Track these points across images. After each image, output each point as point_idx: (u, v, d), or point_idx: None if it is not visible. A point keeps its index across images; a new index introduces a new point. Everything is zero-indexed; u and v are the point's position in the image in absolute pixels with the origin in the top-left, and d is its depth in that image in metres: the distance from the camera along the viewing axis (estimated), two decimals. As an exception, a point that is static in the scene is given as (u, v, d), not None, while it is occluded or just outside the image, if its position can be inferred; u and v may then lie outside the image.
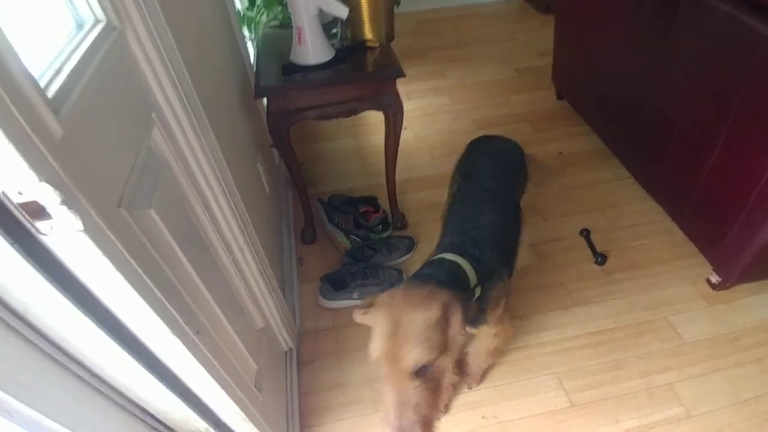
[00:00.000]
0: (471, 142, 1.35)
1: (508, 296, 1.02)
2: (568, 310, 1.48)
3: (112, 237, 0.54)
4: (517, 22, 3.19)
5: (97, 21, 0.67)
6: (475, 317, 0.94)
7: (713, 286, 1.49)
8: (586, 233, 1.67)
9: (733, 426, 1.19)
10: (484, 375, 1.29)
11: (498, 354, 1.18)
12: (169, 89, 0.78)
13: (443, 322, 0.71)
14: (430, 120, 2.30)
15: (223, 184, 0.92)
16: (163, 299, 0.60)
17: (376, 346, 0.72)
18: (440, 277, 0.84)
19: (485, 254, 0.94)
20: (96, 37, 0.63)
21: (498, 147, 1.30)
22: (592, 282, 1.55)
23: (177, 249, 0.70)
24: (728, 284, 1.46)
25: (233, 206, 0.96)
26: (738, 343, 1.36)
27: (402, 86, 1.44)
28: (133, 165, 0.65)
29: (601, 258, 1.59)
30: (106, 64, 0.62)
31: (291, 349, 1.36)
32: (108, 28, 0.67)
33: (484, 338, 1.13)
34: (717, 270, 1.46)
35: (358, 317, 0.78)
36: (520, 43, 2.89)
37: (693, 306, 1.46)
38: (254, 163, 1.42)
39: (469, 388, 1.28)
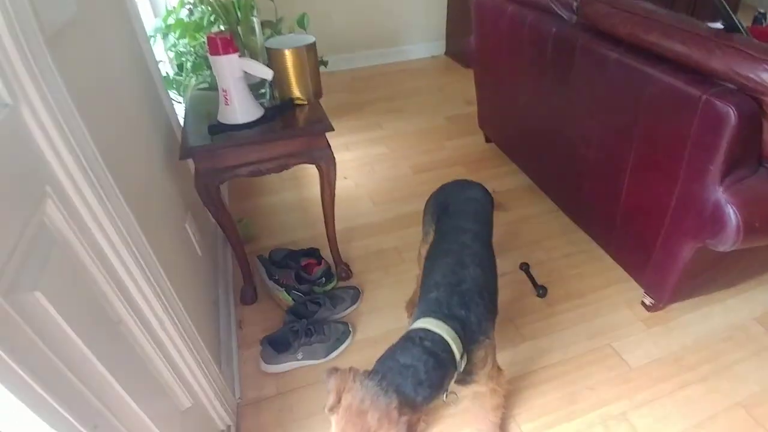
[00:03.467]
0: (444, 185, 1.31)
1: (495, 352, 0.99)
2: (518, 347, 1.47)
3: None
4: (444, 76, 3.43)
5: (-15, 98, 0.63)
6: (463, 378, 0.92)
7: (648, 308, 1.55)
8: (525, 267, 1.71)
9: (690, 450, 1.19)
10: (503, 429, 1.24)
11: (502, 407, 1.14)
12: (69, 162, 0.73)
13: None
14: (370, 169, 2.34)
15: (138, 255, 0.86)
16: (44, 393, 0.53)
17: None
18: (417, 374, 0.78)
19: (471, 314, 0.91)
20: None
21: (469, 195, 1.26)
22: (536, 315, 1.57)
23: (69, 331, 0.63)
24: (661, 305, 1.53)
25: (150, 277, 0.89)
26: (681, 363, 1.40)
27: (340, 138, 1.46)
28: (14, 247, 0.58)
29: (542, 290, 1.62)
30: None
31: (229, 426, 1.24)
32: (-3, 106, 0.63)
33: (482, 397, 1.10)
34: (648, 292, 1.53)
35: (328, 412, 0.76)
36: (448, 93, 3.09)
37: (633, 330, 1.51)
38: (182, 226, 1.36)
39: None
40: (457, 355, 0.84)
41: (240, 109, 1.33)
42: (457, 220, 1.16)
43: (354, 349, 1.49)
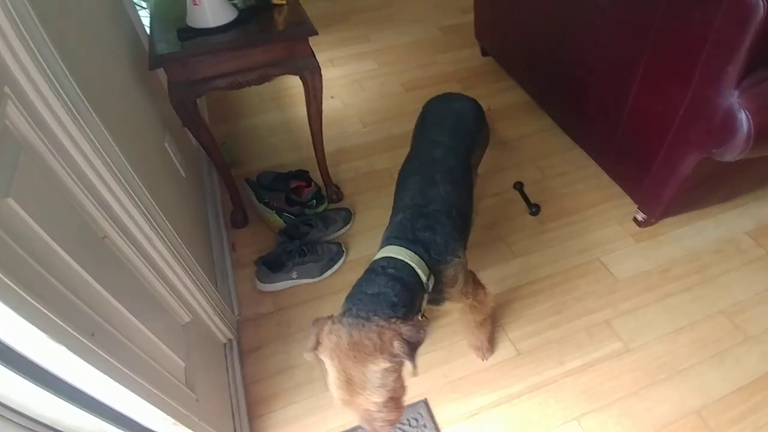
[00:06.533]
0: (427, 102, 1.24)
1: (466, 269, 0.98)
2: (509, 263, 1.50)
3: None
4: (438, -21, 3.12)
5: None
6: (435, 297, 0.91)
7: (639, 224, 1.57)
8: (519, 186, 1.69)
9: (671, 353, 1.26)
10: (490, 343, 1.27)
11: (488, 322, 1.17)
12: (27, 62, 0.65)
13: (395, 363, 0.71)
14: (358, 87, 2.21)
15: (114, 168, 0.80)
16: (32, 301, 0.50)
17: (334, 394, 0.73)
18: (388, 297, 0.76)
19: (437, 235, 0.88)
20: None
21: (452, 107, 1.19)
22: (528, 232, 1.58)
23: (51, 241, 0.59)
24: (653, 220, 1.54)
25: (130, 192, 0.84)
26: (667, 274, 1.44)
27: (324, 53, 1.35)
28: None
29: (535, 208, 1.62)
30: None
31: (230, 339, 1.28)
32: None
33: (464, 315, 1.11)
34: (642, 208, 1.53)
35: (307, 356, 0.75)
36: (442, 0, 2.84)
37: (623, 245, 1.53)
38: (161, 144, 1.28)
39: (484, 359, 1.26)
40: (424, 278, 0.83)
41: (210, 9, 1.20)
42: (430, 133, 1.11)
43: (348, 269, 1.50)
